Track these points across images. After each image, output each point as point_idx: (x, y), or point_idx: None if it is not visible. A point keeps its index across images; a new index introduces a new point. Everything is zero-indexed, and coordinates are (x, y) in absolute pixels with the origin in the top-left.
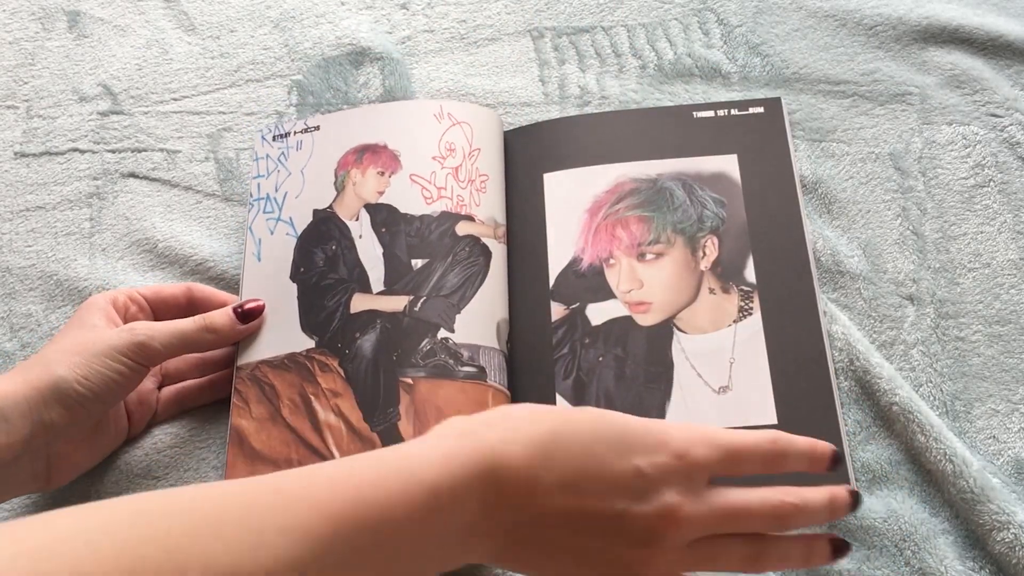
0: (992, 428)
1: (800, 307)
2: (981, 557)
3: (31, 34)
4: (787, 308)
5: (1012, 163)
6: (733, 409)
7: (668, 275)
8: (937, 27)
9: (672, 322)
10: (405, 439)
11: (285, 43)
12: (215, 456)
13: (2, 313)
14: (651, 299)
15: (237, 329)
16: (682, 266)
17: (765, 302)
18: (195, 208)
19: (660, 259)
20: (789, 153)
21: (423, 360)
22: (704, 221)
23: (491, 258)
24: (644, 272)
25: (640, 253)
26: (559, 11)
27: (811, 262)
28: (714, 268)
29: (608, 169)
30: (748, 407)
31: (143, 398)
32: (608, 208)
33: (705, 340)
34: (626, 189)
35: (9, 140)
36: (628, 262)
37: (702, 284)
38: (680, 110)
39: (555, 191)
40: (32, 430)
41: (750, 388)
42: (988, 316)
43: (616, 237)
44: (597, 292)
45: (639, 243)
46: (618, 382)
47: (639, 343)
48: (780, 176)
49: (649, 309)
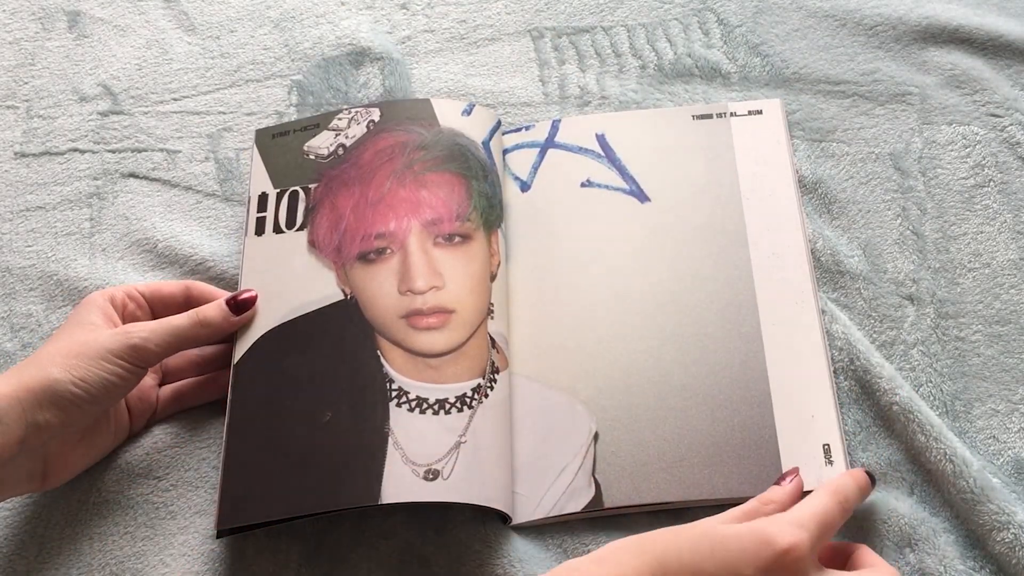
0: (992, 428)
1: (800, 307)
2: (981, 557)
3: (31, 34)
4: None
5: (1012, 163)
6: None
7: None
8: (937, 27)
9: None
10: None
11: (285, 43)
12: (215, 456)
13: (2, 313)
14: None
15: (231, 321)
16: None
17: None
18: (195, 208)
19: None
20: (788, 154)
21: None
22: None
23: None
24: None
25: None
26: (559, 11)
27: (810, 262)
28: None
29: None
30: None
31: (144, 395)
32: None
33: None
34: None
35: (9, 140)
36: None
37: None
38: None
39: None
40: (27, 431)
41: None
42: (988, 316)
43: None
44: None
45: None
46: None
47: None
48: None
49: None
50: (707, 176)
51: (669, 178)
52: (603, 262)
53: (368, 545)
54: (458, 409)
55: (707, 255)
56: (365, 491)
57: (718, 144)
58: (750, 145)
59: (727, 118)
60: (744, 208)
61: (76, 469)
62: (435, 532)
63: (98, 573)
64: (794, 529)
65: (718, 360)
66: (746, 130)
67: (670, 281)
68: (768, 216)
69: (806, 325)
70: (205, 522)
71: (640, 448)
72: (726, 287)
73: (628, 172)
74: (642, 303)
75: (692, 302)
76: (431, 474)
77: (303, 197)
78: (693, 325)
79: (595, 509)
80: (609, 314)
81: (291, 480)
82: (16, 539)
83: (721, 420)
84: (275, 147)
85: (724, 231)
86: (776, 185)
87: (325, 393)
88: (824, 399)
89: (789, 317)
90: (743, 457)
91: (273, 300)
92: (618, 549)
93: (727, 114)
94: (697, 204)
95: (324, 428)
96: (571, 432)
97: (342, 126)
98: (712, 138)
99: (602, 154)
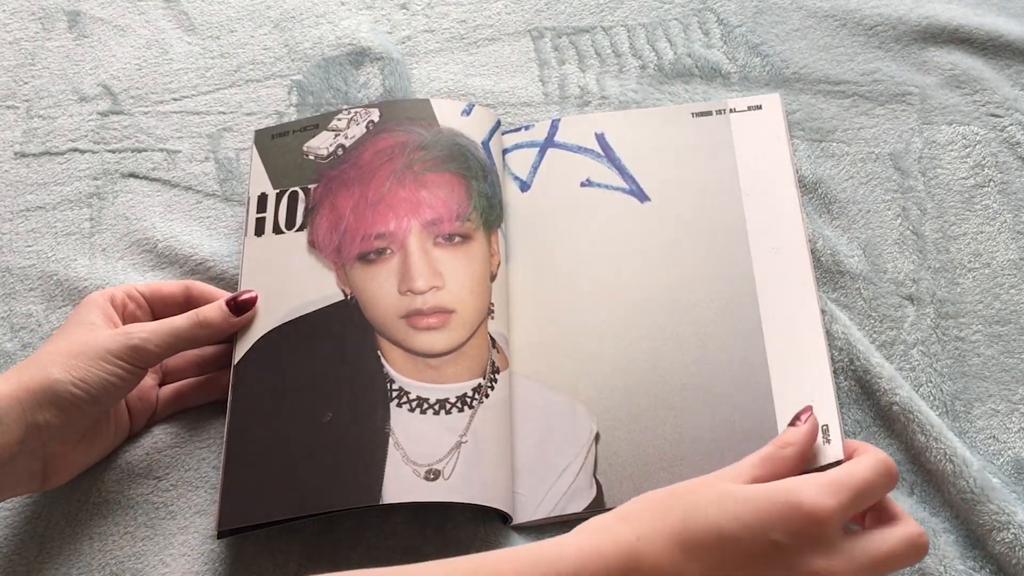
0: (992, 428)
1: (800, 301)
2: (981, 557)
3: (31, 34)
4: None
5: (1012, 163)
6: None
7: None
8: (937, 27)
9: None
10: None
11: (285, 43)
12: (215, 456)
13: (2, 313)
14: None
15: (231, 322)
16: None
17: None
18: (195, 208)
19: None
20: (788, 150)
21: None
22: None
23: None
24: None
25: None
26: (559, 11)
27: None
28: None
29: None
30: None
31: (144, 395)
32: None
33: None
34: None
35: (9, 140)
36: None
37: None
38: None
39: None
40: (26, 432)
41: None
42: (988, 316)
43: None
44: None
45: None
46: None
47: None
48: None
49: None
50: (707, 174)
51: (668, 177)
52: (603, 262)
53: (368, 545)
54: (459, 409)
55: (707, 253)
56: (366, 491)
57: (718, 141)
58: (749, 141)
59: (726, 115)
60: (744, 204)
61: (76, 469)
62: (435, 532)
63: (98, 573)
64: (826, 497)
65: (719, 358)
66: (745, 126)
67: (670, 280)
68: (768, 211)
69: (806, 317)
70: (205, 522)
71: (641, 448)
72: (726, 285)
73: (627, 171)
74: (642, 303)
75: (692, 300)
76: (432, 474)
77: (302, 198)
78: (693, 324)
79: (597, 510)
80: (609, 314)
81: (291, 480)
82: (16, 539)
83: (722, 418)
84: (274, 148)
85: (724, 228)
86: (776, 180)
87: (325, 393)
88: (823, 384)
89: (789, 311)
90: (745, 455)
91: (273, 300)
92: (643, 508)
93: (726, 111)
94: (697, 202)
95: (324, 428)
96: (572, 432)
97: (341, 126)
98: (712, 135)
99: (601, 153)
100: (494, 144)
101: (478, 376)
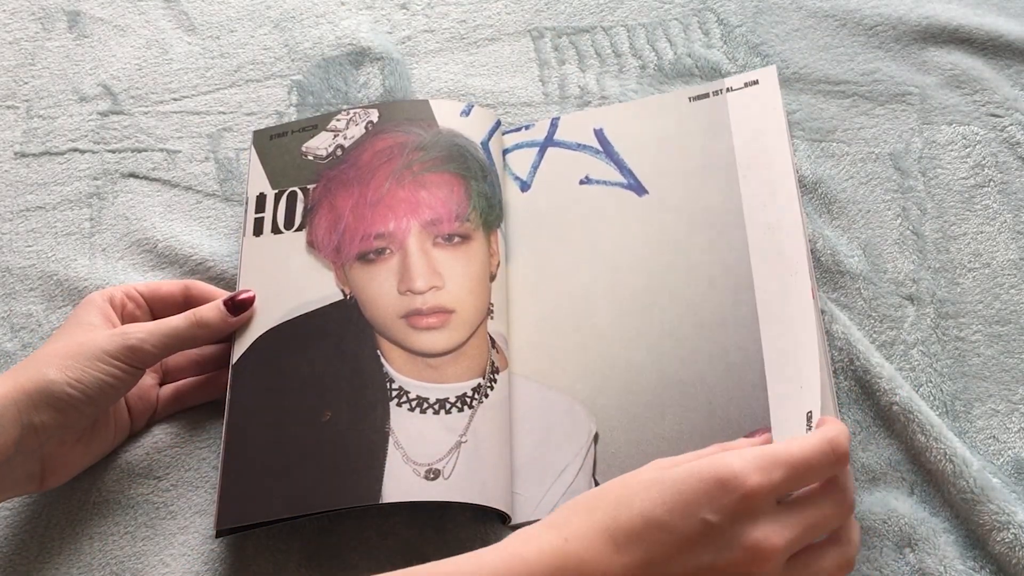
0: (992, 428)
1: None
2: (981, 557)
3: (31, 34)
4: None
5: (1012, 163)
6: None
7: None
8: (937, 27)
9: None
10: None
11: (285, 43)
12: (215, 456)
13: (2, 313)
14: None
15: (228, 322)
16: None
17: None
18: (195, 208)
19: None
20: (783, 121)
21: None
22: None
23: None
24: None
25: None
26: (559, 11)
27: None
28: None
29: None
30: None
31: (144, 394)
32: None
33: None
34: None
35: (9, 140)
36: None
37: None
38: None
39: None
40: (23, 433)
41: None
42: (988, 316)
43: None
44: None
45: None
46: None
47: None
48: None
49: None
50: (704, 158)
51: (666, 167)
52: (602, 261)
53: (368, 545)
54: (458, 409)
55: (704, 242)
56: (366, 491)
57: (715, 123)
58: (745, 118)
59: (723, 94)
60: (741, 184)
61: (75, 469)
62: (435, 532)
63: (98, 573)
64: (753, 471)
65: (715, 351)
66: (741, 103)
67: (668, 277)
68: (764, 188)
69: (797, 296)
70: (205, 522)
71: (640, 447)
72: (723, 274)
73: (626, 166)
74: (641, 302)
75: (689, 295)
76: (432, 474)
77: (301, 198)
78: (691, 317)
79: None
80: (608, 314)
81: (291, 479)
82: (16, 539)
83: (719, 415)
84: (273, 148)
85: (721, 213)
86: (773, 155)
87: (325, 392)
88: (810, 368)
89: (783, 297)
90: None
91: (272, 300)
92: (569, 511)
93: (723, 90)
94: (694, 189)
95: (324, 428)
96: (571, 433)
97: (340, 127)
98: (708, 117)
99: (600, 149)
100: (494, 144)
101: (478, 376)
